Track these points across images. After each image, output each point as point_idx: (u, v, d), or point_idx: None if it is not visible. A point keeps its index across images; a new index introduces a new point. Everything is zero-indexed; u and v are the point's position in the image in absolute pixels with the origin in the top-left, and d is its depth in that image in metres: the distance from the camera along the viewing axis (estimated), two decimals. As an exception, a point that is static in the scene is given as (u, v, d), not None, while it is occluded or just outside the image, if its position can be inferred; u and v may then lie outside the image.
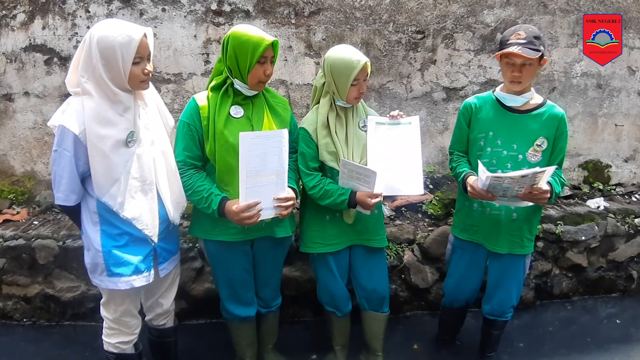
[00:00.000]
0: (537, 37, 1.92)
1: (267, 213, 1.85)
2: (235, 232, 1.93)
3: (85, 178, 1.71)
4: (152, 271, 1.83)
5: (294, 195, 1.92)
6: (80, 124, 1.61)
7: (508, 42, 1.94)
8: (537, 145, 2.05)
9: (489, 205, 2.12)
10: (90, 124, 1.61)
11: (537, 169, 1.85)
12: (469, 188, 2.03)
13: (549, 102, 2.10)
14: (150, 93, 1.82)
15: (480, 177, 1.93)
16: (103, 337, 1.92)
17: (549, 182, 1.97)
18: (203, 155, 1.90)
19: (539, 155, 2.05)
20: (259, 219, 1.82)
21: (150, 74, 1.70)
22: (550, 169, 1.86)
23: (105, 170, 1.66)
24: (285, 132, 1.83)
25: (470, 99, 2.21)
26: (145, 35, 1.64)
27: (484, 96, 2.19)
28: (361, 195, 1.93)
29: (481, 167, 1.92)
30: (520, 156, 2.05)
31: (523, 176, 1.82)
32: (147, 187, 1.76)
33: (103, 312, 1.89)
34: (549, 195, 1.92)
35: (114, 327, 1.89)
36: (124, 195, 1.69)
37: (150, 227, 1.77)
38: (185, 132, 1.87)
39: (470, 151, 2.19)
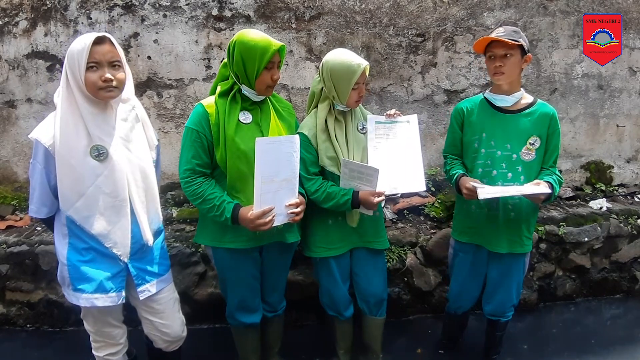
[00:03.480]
0: (515, 32, 2.00)
1: (280, 219, 1.84)
2: (246, 239, 1.91)
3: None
4: (123, 292, 1.74)
5: (304, 200, 1.93)
6: (50, 137, 1.60)
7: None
8: (530, 144, 2.06)
9: (487, 206, 2.13)
10: (58, 136, 1.59)
11: (536, 188, 1.96)
12: (464, 190, 2.04)
13: (539, 100, 2.13)
14: (128, 106, 1.77)
15: (479, 193, 1.95)
16: (93, 351, 1.90)
17: (550, 183, 2.01)
18: (211, 163, 1.87)
19: (532, 154, 2.07)
20: (273, 225, 1.81)
21: (112, 82, 1.59)
22: (544, 188, 1.98)
23: (71, 183, 1.62)
24: (297, 138, 1.83)
25: (461, 103, 2.24)
26: (109, 41, 1.60)
27: (474, 99, 2.21)
28: (364, 194, 1.92)
29: (479, 187, 1.97)
30: (515, 155, 2.07)
31: (521, 192, 1.96)
32: (120, 204, 1.68)
33: (85, 324, 1.85)
34: (544, 197, 2.00)
35: (99, 339, 1.86)
36: (90, 210, 1.64)
37: (120, 246, 1.70)
38: (194, 140, 1.82)
39: (465, 154, 2.21)
